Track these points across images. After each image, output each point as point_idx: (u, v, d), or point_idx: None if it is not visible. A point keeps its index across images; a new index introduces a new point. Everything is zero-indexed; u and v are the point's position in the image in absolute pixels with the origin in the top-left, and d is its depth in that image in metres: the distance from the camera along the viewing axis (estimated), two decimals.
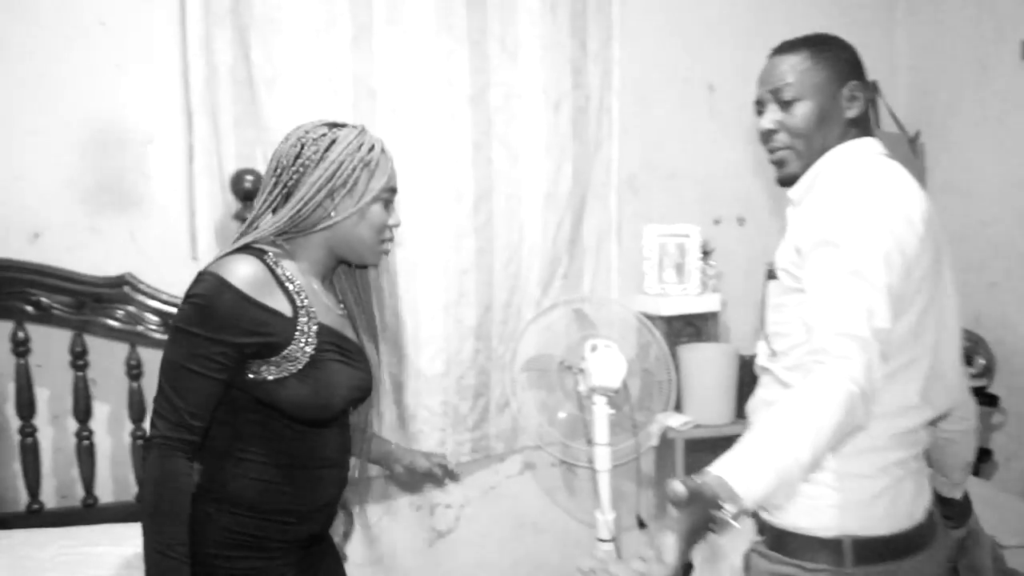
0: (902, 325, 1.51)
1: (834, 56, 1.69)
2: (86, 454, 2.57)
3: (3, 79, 2.50)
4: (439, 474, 2.08)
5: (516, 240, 3.01)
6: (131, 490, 2.62)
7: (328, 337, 1.66)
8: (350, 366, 1.71)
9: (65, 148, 2.57)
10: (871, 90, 1.73)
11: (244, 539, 1.63)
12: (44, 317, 2.49)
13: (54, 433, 2.60)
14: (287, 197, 1.65)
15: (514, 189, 2.99)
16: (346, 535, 2.65)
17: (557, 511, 3.26)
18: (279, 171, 1.66)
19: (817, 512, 1.57)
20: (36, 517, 2.52)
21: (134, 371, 2.57)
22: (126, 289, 2.55)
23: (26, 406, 2.50)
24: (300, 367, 1.61)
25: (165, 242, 2.67)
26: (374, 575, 3.03)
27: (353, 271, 1.81)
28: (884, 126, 3.53)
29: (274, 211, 1.66)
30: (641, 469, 2.94)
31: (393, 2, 2.76)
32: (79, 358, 2.53)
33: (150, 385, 2.54)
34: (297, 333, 1.60)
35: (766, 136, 1.73)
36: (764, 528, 1.67)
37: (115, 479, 2.66)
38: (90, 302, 2.54)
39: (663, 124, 3.28)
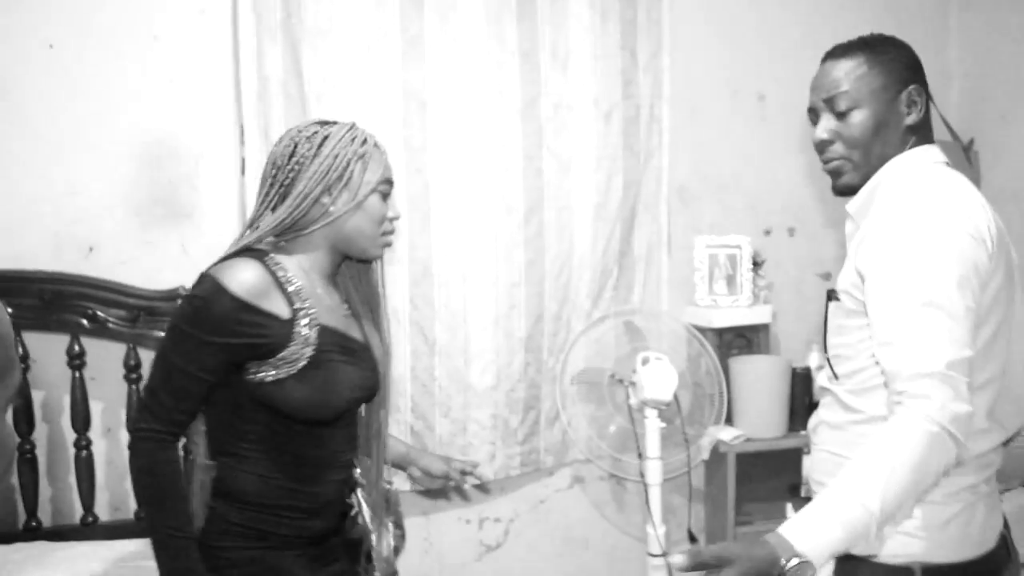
0: (976, 347, 1.45)
1: (891, 59, 1.61)
2: None
3: (60, 94, 2.52)
4: (456, 479, 2.06)
5: (566, 252, 2.99)
6: None
7: (330, 338, 1.66)
8: (353, 366, 1.71)
9: (119, 162, 2.59)
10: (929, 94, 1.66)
11: (252, 531, 1.65)
12: (99, 330, 2.51)
13: (107, 446, 2.61)
14: (284, 196, 1.65)
15: (564, 200, 2.97)
16: (397, 550, 2.63)
17: (606, 525, 3.23)
18: (275, 171, 1.66)
19: (886, 539, 1.51)
20: (90, 530, 2.53)
21: None
22: (178, 302, 2.57)
23: (81, 419, 2.52)
24: (299, 368, 1.60)
25: (216, 255, 2.65)
26: None
27: (356, 268, 1.81)
28: (937, 134, 3.47)
29: (273, 210, 1.66)
30: (692, 483, 2.90)
31: (444, 13, 2.76)
32: (133, 371, 2.54)
33: None
34: (295, 335, 1.60)
35: (821, 146, 1.66)
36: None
37: None
38: (143, 315, 2.55)
39: (713, 134, 3.25)
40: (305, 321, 1.62)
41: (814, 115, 1.68)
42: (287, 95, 2.65)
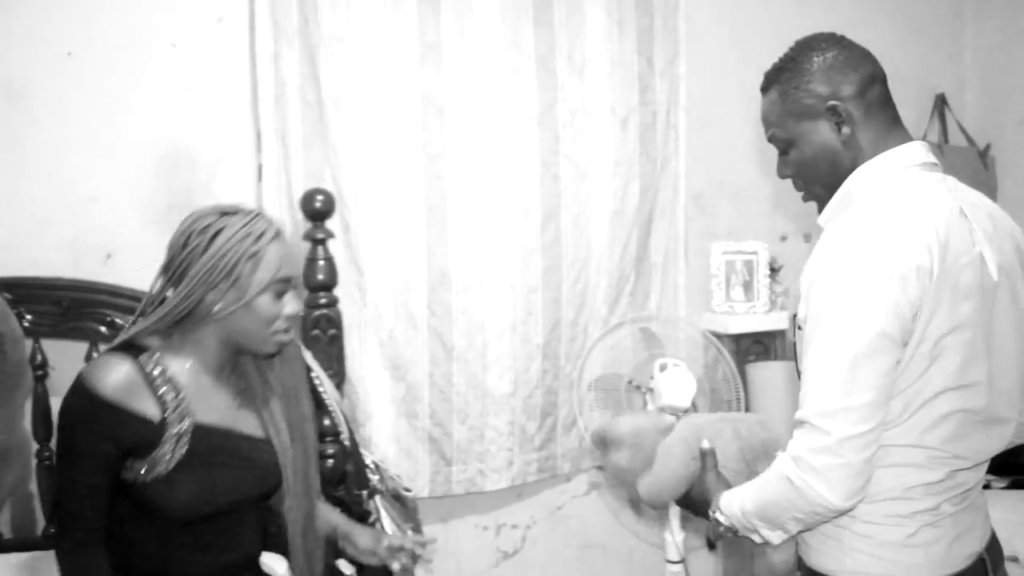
0: (906, 380, 1.42)
1: (804, 82, 1.53)
2: None
3: (78, 101, 2.52)
4: (383, 556, 1.85)
5: (583, 258, 2.99)
6: None
7: (207, 437, 1.61)
8: (234, 467, 1.65)
9: (137, 169, 2.59)
10: (870, 89, 1.55)
11: None
12: (116, 337, 2.50)
13: None
14: (173, 288, 1.61)
15: (581, 206, 2.96)
16: (416, 557, 2.62)
17: (624, 532, 3.22)
18: (168, 260, 1.62)
19: (842, 554, 1.50)
20: None
21: None
22: None
23: None
24: (170, 469, 1.56)
25: None
26: None
27: (258, 360, 1.74)
28: (953, 139, 3.47)
29: (162, 302, 1.62)
30: None
31: (461, 20, 2.76)
32: None
33: None
34: (165, 436, 1.56)
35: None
36: (800, 565, 1.60)
37: None
38: None
39: (729, 140, 3.25)
40: (178, 421, 1.58)
41: None
42: (304, 101, 2.65)
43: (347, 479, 2.48)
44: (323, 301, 2.54)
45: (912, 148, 1.53)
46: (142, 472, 1.56)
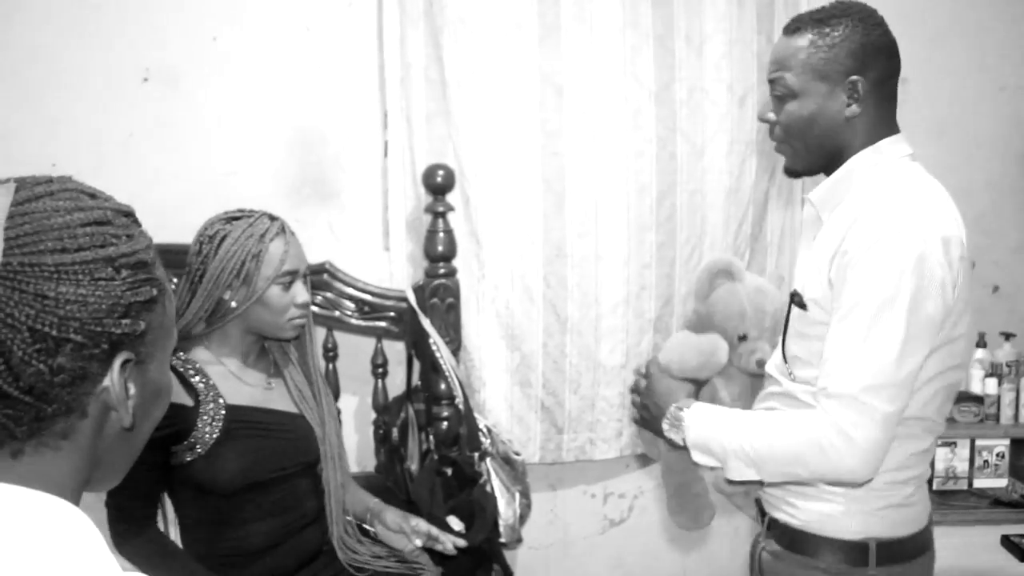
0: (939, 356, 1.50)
1: (838, 43, 1.51)
2: None
3: (222, 83, 2.71)
4: (407, 532, 2.04)
5: (698, 235, 3.01)
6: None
7: (239, 415, 1.82)
8: (272, 440, 1.86)
9: (273, 145, 2.77)
10: (890, 80, 1.57)
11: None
12: None
13: None
14: (194, 292, 1.82)
15: (697, 184, 2.99)
16: (522, 519, 2.74)
17: (730, 506, 3.24)
18: (188, 266, 1.84)
19: (845, 517, 1.58)
20: None
21: (330, 353, 2.74)
22: (325, 277, 2.71)
23: None
24: (211, 445, 1.77)
25: (360, 233, 2.84)
26: (547, 558, 3.12)
27: (282, 344, 1.97)
28: None
29: (189, 303, 1.83)
30: None
31: (580, 1, 2.81)
32: None
33: (343, 367, 2.73)
34: (201, 419, 1.78)
35: (766, 125, 1.65)
36: (775, 526, 1.67)
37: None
38: None
39: None
40: (212, 405, 1.79)
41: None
42: (428, 80, 2.77)
43: (460, 441, 2.61)
44: (442, 271, 2.67)
45: (903, 139, 1.59)
46: (186, 454, 1.78)
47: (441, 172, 2.64)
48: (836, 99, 1.54)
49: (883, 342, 1.42)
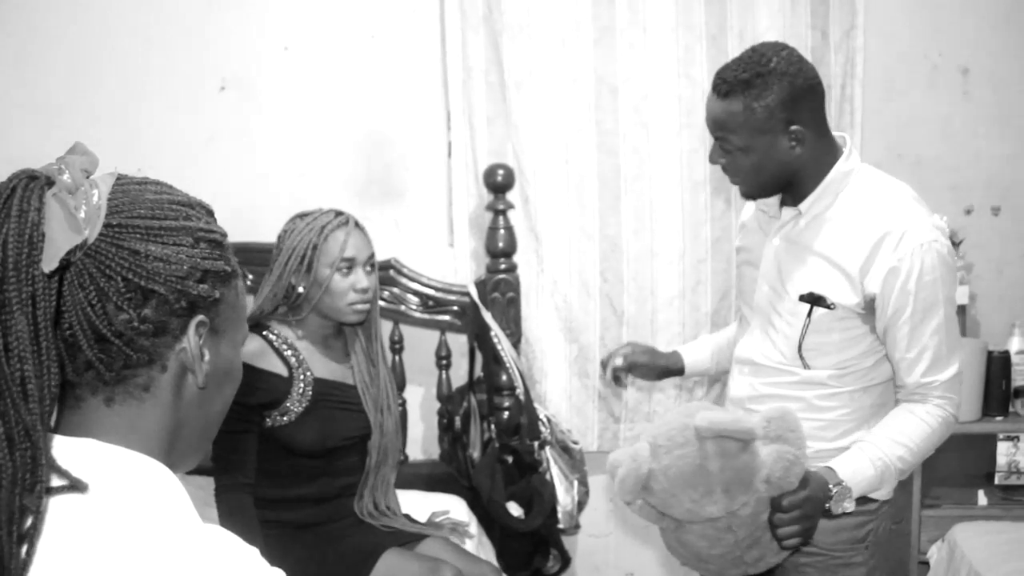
0: None
1: (770, 102, 1.63)
2: None
3: (293, 90, 2.87)
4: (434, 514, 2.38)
5: None
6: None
7: (323, 388, 2.06)
8: (345, 411, 2.10)
9: (342, 148, 2.91)
10: (821, 108, 1.76)
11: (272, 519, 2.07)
12: None
13: None
14: (270, 279, 2.07)
15: None
16: (580, 505, 2.83)
17: None
18: (272, 259, 2.07)
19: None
20: None
21: (396, 346, 2.87)
22: (391, 272, 2.84)
23: None
24: (299, 413, 2.01)
25: (425, 230, 2.96)
26: (606, 546, 3.19)
27: (352, 327, 2.16)
28: None
29: (265, 291, 2.08)
30: None
31: (634, 3, 2.88)
32: None
33: (409, 359, 2.85)
34: (293, 388, 2.01)
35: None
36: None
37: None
38: None
39: (909, 111, 3.18)
40: (302, 376, 2.03)
41: None
42: (488, 83, 2.88)
43: (520, 430, 2.71)
44: (503, 267, 2.77)
45: (844, 141, 1.80)
46: (278, 419, 2.02)
47: (501, 171, 2.75)
48: (780, 145, 1.68)
49: (951, 330, 1.71)
